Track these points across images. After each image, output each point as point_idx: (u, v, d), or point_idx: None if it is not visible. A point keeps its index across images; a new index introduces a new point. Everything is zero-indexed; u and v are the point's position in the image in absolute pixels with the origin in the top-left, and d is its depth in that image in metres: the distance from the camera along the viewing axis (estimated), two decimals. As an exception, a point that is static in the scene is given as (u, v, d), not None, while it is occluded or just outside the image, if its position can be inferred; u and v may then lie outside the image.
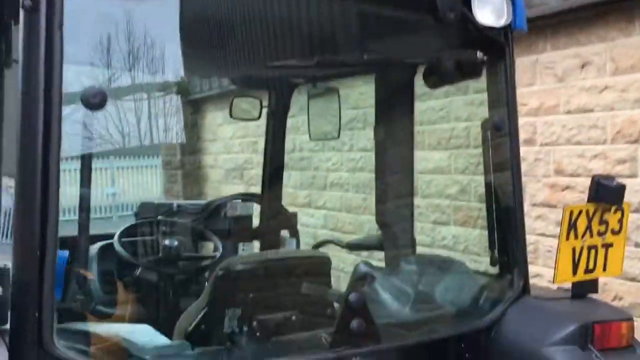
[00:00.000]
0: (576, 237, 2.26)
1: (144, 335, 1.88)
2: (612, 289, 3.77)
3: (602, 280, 2.39)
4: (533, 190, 4.33)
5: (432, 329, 2.20)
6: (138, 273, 3.17)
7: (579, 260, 2.28)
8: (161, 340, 1.90)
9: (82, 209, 2.05)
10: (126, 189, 16.64)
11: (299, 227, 3.88)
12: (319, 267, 2.27)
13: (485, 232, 2.46)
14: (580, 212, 2.25)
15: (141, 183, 16.92)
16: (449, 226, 5.08)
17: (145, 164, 17.26)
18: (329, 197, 6.49)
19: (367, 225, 5.34)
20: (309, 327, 2.07)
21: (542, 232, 4.27)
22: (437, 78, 2.52)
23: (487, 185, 2.42)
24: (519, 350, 2.10)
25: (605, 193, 2.24)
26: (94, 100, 1.70)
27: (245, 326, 2.12)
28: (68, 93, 1.88)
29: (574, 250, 2.27)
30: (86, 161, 2.11)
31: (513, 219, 2.34)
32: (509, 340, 2.15)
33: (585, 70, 3.97)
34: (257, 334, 2.08)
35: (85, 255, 2.35)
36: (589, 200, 2.26)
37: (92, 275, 3.03)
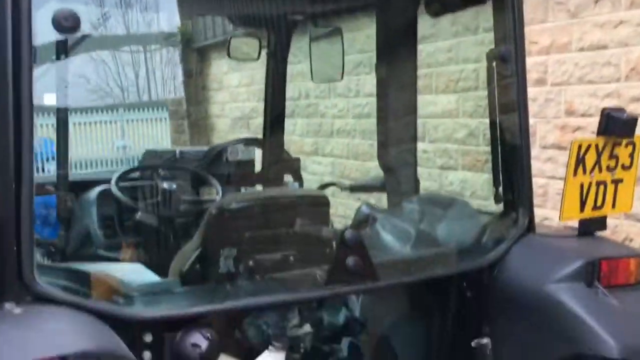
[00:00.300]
0: (584, 172, 2.17)
1: (134, 273, 1.83)
2: (623, 230, 3.69)
3: (612, 222, 2.31)
4: (543, 132, 4.21)
5: (432, 267, 2.14)
6: (137, 217, 3.14)
7: (586, 196, 2.19)
8: (151, 277, 1.85)
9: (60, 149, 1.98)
10: (136, 141, 16.62)
11: (306, 175, 3.81)
12: (317, 207, 2.20)
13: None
14: (589, 147, 2.15)
15: (151, 135, 16.89)
16: (457, 171, 4.99)
17: (155, 117, 17.23)
18: (336, 144, 6.40)
19: (374, 171, 5.26)
20: (305, 266, 2.02)
21: (551, 174, 4.17)
22: (439, 5, 2.39)
23: (492, 120, 2.32)
24: (522, 288, 2.04)
25: (616, 126, 2.13)
26: (66, 24, 1.60)
27: (241, 266, 2.07)
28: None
29: (581, 186, 2.18)
30: (62, 112, 2.04)
31: (519, 154, 2.24)
32: (512, 278, 2.09)
33: (599, 4, 3.79)
34: (253, 273, 2.03)
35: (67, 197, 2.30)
36: (599, 133, 2.15)
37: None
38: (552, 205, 4.12)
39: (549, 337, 1.92)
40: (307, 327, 2.34)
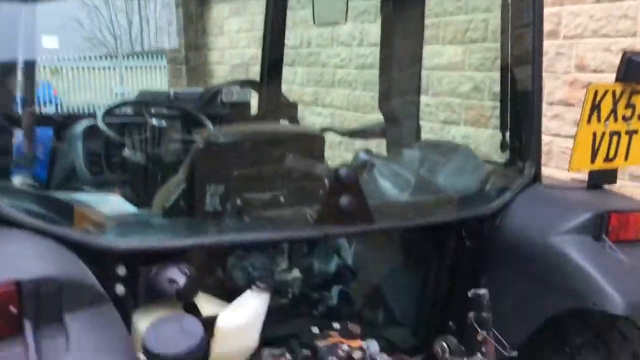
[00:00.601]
0: (599, 120, 2.03)
1: (110, 203, 1.71)
2: (627, 191, 3.57)
3: (617, 182, 2.20)
4: (551, 88, 4.05)
5: (431, 213, 2.01)
6: (125, 154, 3.01)
7: (599, 146, 2.06)
8: (128, 208, 1.73)
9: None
10: (135, 88, 16.42)
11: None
12: (312, 144, 2.06)
13: (498, 132, 2.25)
14: (605, 93, 2.00)
15: (150, 83, 16.69)
16: (459, 126, 4.84)
17: (153, 64, 17.03)
18: (336, 94, 6.23)
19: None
20: (296, 205, 1.89)
21: (557, 132, 4.02)
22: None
23: (504, 60, 2.17)
24: (525, 239, 1.92)
25: (637, 72, 1.98)
26: None
27: (228, 204, 1.95)
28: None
29: (594, 135, 2.04)
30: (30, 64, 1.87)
31: (530, 99, 2.10)
32: (515, 229, 1.97)
33: (620, -48, 3.59)
34: (240, 211, 1.91)
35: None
36: (617, 79, 2.00)
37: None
38: (556, 164, 3.99)
39: (550, 290, 1.82)
40: (296, 273, 2.24)
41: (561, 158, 3.94)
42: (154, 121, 3.01)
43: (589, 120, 2.01)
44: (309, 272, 2.33)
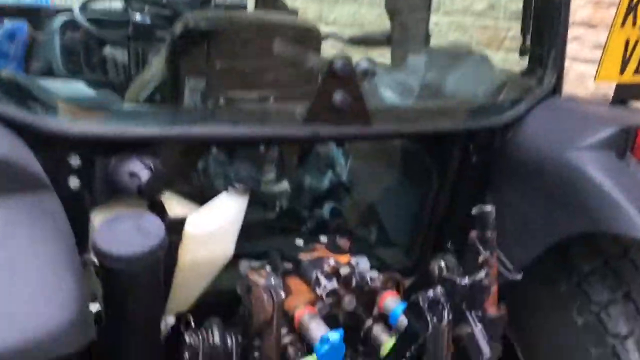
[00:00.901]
0: (634, 24, 1.78)
1: (67, 86, 1.49)
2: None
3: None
4: (573, 7, 3.71)
5: (436, 120, 1.79)
6: (105, 52, 2.78)
7: (630, 56, 1.82)
8: (87, 91, 1.51)
9: None
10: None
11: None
12: (305, 37, 1.82)
13: (512, 55, 2.01)
14: (645, -8, 1.75)
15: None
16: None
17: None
18: (341, 12, 5.88)
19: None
20: (285, 102, 1.68)
21: (575, 55, 3.74)
22: None
23: None
24: (539, 154, 1.71)
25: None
26: None
27: (210, 101, 1.73)
28: None
29: (627, 42, 1.81)
30: None
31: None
32: (529, 143, 1.76)
33: None
34: (221, 107, 1.69)
35: None
36: (660, -24, 1.75)
37: None
38: (572, 90, 3.73)
39: (563, 209, 1.62)
40: (285, 185, 2.05)
41: (577, 84, 3.68)
42: (138, 17, 2.76)
43: (622, 24, 1.77)
44: (299, 185, 2.15)
